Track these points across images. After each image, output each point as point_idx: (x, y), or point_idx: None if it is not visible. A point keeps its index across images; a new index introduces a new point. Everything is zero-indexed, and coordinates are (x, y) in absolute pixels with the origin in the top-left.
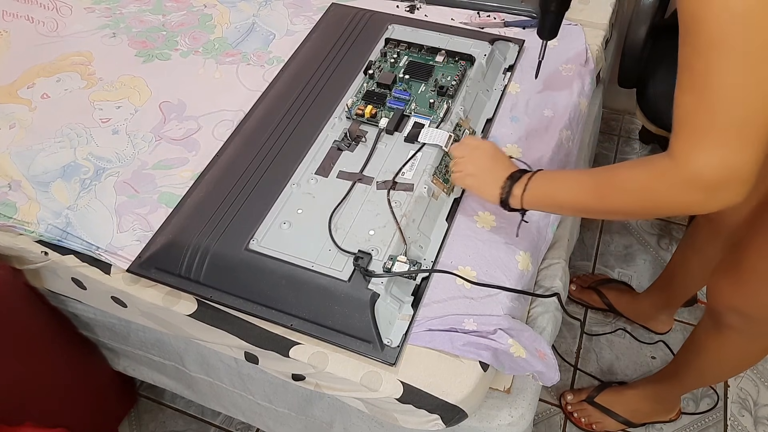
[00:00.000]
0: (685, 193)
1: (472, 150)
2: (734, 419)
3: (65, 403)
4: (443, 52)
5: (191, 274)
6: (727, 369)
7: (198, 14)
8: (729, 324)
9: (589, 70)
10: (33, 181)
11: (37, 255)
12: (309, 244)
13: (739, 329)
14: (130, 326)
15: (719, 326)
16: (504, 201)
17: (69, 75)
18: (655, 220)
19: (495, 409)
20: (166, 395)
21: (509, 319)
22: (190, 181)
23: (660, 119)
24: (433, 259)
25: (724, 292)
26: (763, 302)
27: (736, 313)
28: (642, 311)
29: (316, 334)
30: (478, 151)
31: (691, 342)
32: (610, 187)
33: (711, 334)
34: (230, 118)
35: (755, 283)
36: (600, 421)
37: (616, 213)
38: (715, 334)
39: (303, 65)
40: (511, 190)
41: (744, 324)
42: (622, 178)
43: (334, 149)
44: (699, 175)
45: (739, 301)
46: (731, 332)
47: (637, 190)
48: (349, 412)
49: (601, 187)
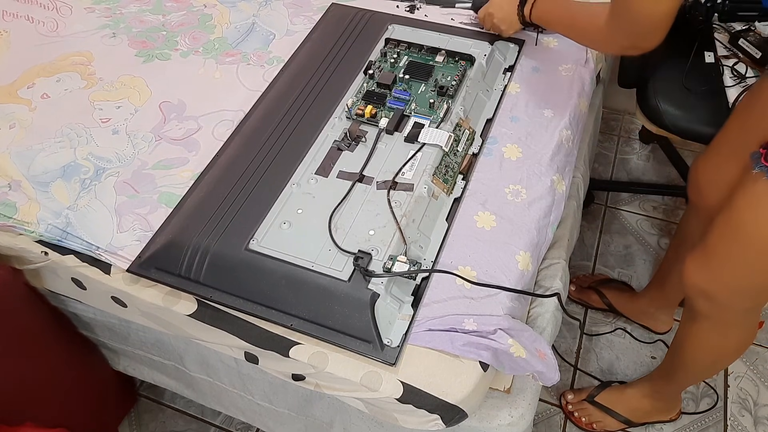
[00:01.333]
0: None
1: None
2: (734, 419)
3: (65, 403)
4: (443, 52)
5: (191, 274)
6: (710, 361)
7: (198, 14)
8: (701, 311)
9: (589, 70)
10: (33, 181)
11: (37, 255)
12: (309, 244)
13: (709, 316)
14: (130, 326)
15: (694, 315)
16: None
17: (69, 75)
18: (654, 220)
19: (495, 409)
20: (166, 395)
21: (509, 319)
22: (190, 181)
23: (660, 119)
24: (433, 259)
25: (692, 275)
26: (725, 284)
27: (705, 298)
28: (641, 311)
29: (316, 334)
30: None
31: (676, 336)
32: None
33: (689, 325)
34: (230, 118)
35: (717, 264)
36: (600, 420)
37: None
38: (692, 323)
39: (303, 65)
40: (523, 12)
41: (713, 310)
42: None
43: (334, 149)
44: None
45: (706, 285)
46: (704, 320)
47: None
48: (349, 412)
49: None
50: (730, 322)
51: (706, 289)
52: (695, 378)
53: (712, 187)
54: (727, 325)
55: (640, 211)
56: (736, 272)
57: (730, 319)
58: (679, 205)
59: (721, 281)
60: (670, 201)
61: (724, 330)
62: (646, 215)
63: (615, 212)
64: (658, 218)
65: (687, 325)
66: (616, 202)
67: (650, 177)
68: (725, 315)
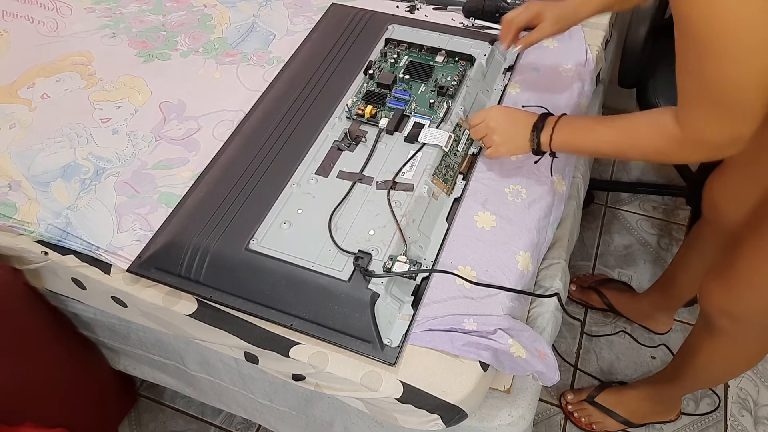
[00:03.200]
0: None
1: (484, 126)
2: (734, 419)
3: (65, 403)
4: (443, 52)
5: (191, 274)
6: (720, 373)
7: (198, 14)
8: (720, 327)
9: (589, 70)
10: (33, 181)
11: (37, 255)
12: (309, 244)
13: (729, 333)
14: (130, 326)
15: (711, 329)
16: (535, 151)
17: (69, 75)
18: (655, 220)
19: (495, 409)
20: (166, 395)
21: (509, 319)
22: (190, 181)
23: None
24: (433, 259)
25: (714, 294)
26: (751, 306)
27: (726, 317)
28: (642, 311)
29: (316, 334)
30: (492, 120)
31: (686, 344)
32: (628, 145)
33: (704, 338)
34: (230, 118)
35: (744, 287)
36: (600, 420)
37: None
38: (708, 337)
39: (303, 65)
40: (540, 141)
41: (734, 327)
42: (638, 138)
43: (334, 149)
44: (704, 141)
45: (728, 305)
46: (722, 336)
47: (653, 152)
48: (349, 412)
49: (620, 144)
50: (749, 338)
51: (730, 309)
52: (702, 386)
53: (728, 203)
54: (745, 341)
55: (640, 211)
56: (764, 294)
57: (749, 335)
58: (679, 205)
59: (747, 302)
60: (670, 201)
61: (741, 345)
62: (646, 215)
63: (615, 212)
64: (658, 218)
65: (701, 337)
66: (616, 202)
67: (650, 177)
68: (746, 332)
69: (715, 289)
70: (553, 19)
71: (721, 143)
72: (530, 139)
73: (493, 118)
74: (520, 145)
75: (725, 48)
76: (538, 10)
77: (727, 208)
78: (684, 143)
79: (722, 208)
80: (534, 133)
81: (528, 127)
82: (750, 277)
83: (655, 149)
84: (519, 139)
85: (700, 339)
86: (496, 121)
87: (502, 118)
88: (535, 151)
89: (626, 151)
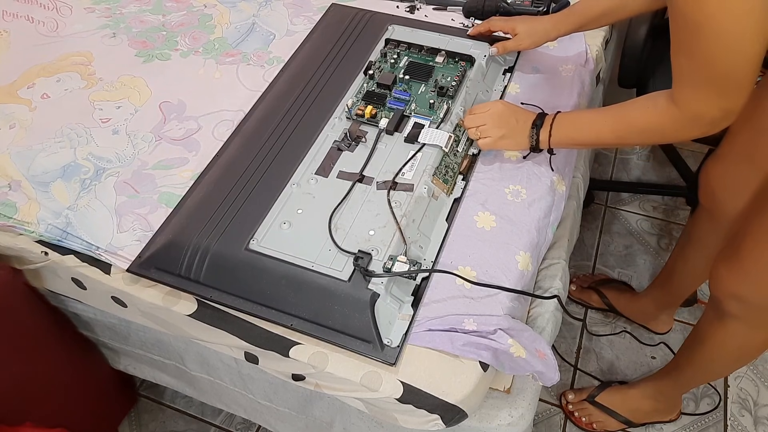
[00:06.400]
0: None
1: (488, 115)
2: (734, 419)
3: (65, 403)
4: (443, 53)
5: (191, 274)
6: (730, 361)
7: (198, 14)
8: (730, 312)
9: (589, 70)
10: (33, 181)
11: (37, 255)
12: (309, 244)
13: (740, 317)
14: (130, 326)
15: (721, 315)
16: (534, 148)
17: (69, 75)
18: (654, 220)
19: (495, 409)
20: (166, 395)
21: (509, 319)
22: (190, 181)
23: None
24: (433, 259)
25: (724, 279)
26: (762, 289)
27: (737, 301)
28: (642, 311)
29: (316, 334)
30: (494, 113)
31: (694, 335)
32: (626, 129)
33: (714, 325)
34: (230, 118)
35: (754, 270)
36: (601, 420)
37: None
38: (718, 323)
39: (303, 65)
40: (538, 137)
41: (745, 312)
42: (636, 120)
43: (334, 149)
44: (700, 116)
45: (739, 288)
46: (733, 321)
47: (651, 130)
48: (349, 412)
49: (618, 130)
50: (760, 323)
51: (739, 293)
52: (705, 378)
53: (726, 191)
54: (756, 325)
55: (640, 211)
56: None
57: (760, 319)
58: (679, 205)
59: (758, 283)
60: (670, 201)
61: (751, 330)
62: (646, 215)
63: (615, 212)
64: (658, 218)
65: (710, 325)
66: (616, 202)
67: (650, 177)
68: (757, 315)
69: (725, 273)
70: (526, 34)
71: (715, 117)
72: (529, 135)
73: (497, 110)
74: (519, 141)
75: (716, 27)
76: (514, 24)
77: (726, 195)
78: (681, 120)
79: (721, 195)
80: (533, 130)
81: (528, 123)
82: (758, 259)
83: (654, 129)
84: (519, 135)
85: (709, 327)
86: (500, 114)
87: (506, 112)
88: (533, 147)
89: (626, 135)
